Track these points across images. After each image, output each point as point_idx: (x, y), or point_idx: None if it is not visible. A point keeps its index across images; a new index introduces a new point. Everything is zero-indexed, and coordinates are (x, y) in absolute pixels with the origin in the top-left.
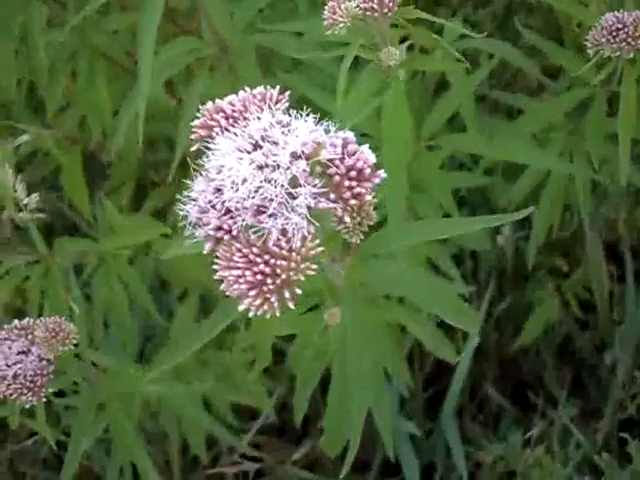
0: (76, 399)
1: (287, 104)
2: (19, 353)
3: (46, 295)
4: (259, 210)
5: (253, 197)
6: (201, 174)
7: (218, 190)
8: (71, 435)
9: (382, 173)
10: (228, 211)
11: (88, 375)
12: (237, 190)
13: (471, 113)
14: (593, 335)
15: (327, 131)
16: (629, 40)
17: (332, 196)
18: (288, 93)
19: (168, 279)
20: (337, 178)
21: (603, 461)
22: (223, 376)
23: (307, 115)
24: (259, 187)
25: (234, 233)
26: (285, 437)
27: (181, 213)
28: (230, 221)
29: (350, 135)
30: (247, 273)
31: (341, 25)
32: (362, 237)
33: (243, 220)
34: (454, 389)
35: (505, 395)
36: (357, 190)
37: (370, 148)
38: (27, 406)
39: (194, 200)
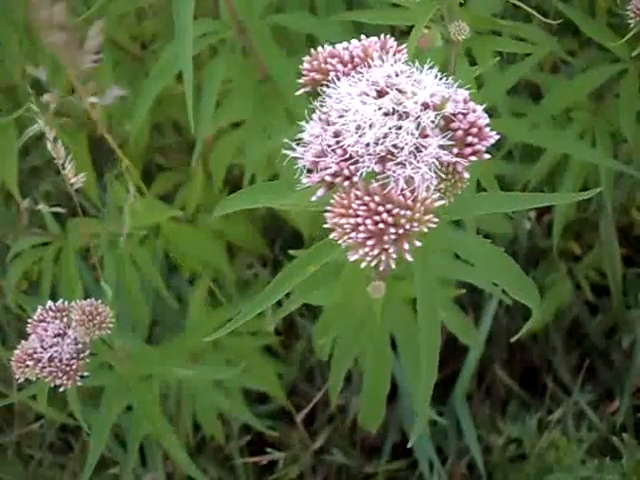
0: (102, 379)
1: (405, 56)
2: (55, 336)
3: (59, 275)
4: (385, 157)
5: (382, 143)
6: (313, 118)
7: (337, 134)
8: (98, 417)
9: (496, 134)
10: (348, 157)
11: (115, 357)
12: (362, 135)
13: (505, 102)
14: (604, 319)
15: (447, 87)
16: None
17: (455, 150)
18: (406, 45)
19: (179, 262)
20: (460, 133)
21: (623, 442)
22: (234, 362)
23: (430, 68)
24: (387, 134)
25: (354, 180)
26: (294, 420)
27: (292, 155)
28: (352, 167)
29: (467, 93)
30: (367, 222)
31: None
32: (452, 200)
33: (367, 167)
34: (466, 372)
35: (513, 380)
36: (477, 147)
37: None
38: (61, 389)
39: (306, 144)
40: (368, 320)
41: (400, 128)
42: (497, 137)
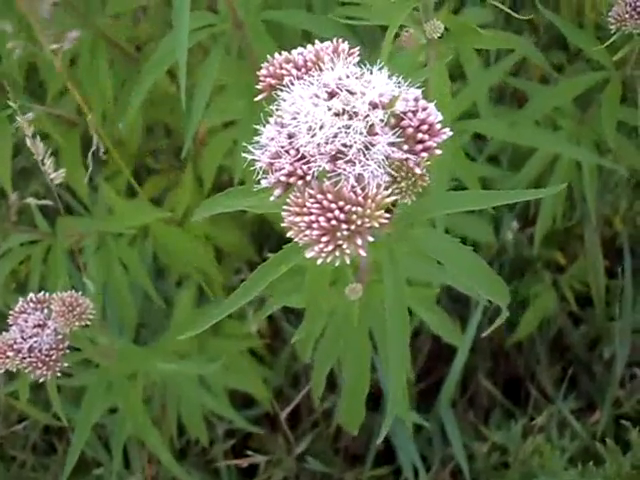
0: (86, 378)
1: (358, 58)
2: (35, 326)
3: (47, 274)
4: (336, 156)
5: (332, 143)
6: (269, 122)
7: (291, 136)
8: (80, 414)
9: (449, 131)
10: (301, 157)
11: (99, 353)
12: (314, 135)
13: (485, 101)
14: (587, 330)
15: (398, 86)
16: None
17: (405, 147)
18: (358, 48)
19: (167, 263)
20: (410, 130)
21: (605, 448)
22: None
23: (380, 69)
24: (337, 133)
25: (307, 179)
26: (277, 426)
27: (250, 158)
28: (305, 167)
29: (419, 92)
30: (320, 219)
31: None
32: (414, 199)
33: (319, 166)
34: (451, 379)
35: (497, 389)
36: (428, 144)
37: None
38: (40, 380)
39: (263, 146)
40: (348, 321)
41: (349, 127)
42: (450, 134)
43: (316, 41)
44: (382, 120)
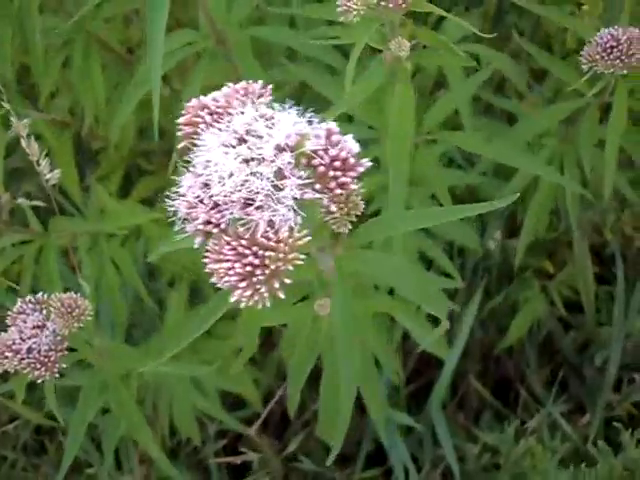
0: (80, 378)
1: (270, 97)
2: (34, 327)
3: (39, 274)
4: (246, 203)
5: (240, 190)
6: (188, 170)
7: (206, 185)
8: (75, 414)
9: (366, 162)
10: (216, 205)
11: (93, 354)
12: (224, 184)
13: (467, 112)
14: (577, 336)
15: (310, 122)
16: (622, 58)
17: (317, 186)
18: (271, 86)
19: (159, 264)
20: (321, 168)
21: (597, 449)
22: (211, 363)
23: (290, 107)
24: (245, 180)
25: (222, 227)
26: (269, 427)
27: (170, 209)
28: (218, 215)
29: (333, 125)
30: (236, 265)
31: (355, 12)
32: (350, 227)
33: (231, 213)
34: (442, 382)
35: (487, 391)
36: (342, 180)
37: (373, 140)
38: (39, 381)
39: (182, 196)
40: (319, 335)
41: (257, 174)
42: (368, 165)
43: (229, 84)
44: (290, 162)
